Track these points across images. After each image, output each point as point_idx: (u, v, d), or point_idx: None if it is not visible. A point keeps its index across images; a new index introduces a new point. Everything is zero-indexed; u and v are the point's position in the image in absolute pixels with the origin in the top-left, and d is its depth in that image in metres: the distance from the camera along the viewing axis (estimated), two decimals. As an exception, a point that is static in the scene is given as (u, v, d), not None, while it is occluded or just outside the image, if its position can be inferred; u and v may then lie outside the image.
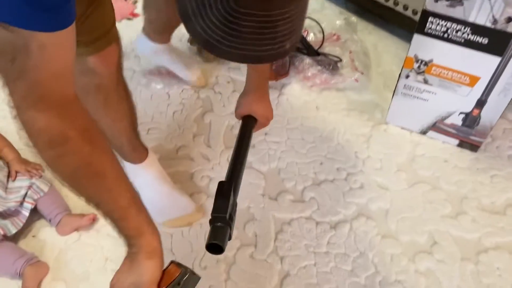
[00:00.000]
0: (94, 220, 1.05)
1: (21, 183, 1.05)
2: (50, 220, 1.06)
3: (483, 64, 0.98)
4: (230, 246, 1.04)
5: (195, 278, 0.66)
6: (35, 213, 1.08)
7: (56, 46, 0.51)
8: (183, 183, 1.15)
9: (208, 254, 0.70)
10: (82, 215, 1.05)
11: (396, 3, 1.38)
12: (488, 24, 0.91)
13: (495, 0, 0.86)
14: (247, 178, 1.16)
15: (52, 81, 0.53)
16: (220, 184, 0.73)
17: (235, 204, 0.72)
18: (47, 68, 0.51)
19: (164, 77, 1.39)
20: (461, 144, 1.19)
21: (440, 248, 1.02)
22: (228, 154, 1.21)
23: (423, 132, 1.22)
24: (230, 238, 0.69)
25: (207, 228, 0.69)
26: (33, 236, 1.06)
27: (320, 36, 1.47)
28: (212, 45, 0.47)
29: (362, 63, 1.42)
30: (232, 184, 0.73)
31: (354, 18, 1.58)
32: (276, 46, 0.49)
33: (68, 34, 0.52)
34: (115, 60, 0.85)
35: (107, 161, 0.61)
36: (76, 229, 1.06)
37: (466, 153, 1.20)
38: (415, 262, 1.00)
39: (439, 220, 1.07)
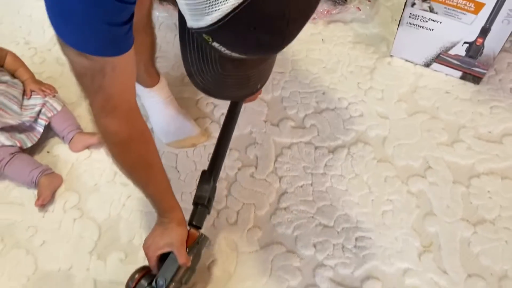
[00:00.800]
0: None
1: (36, 101, 1.10)
2: (63, 138, 1.12)
3: (488, -12, 0.97)
4: (232, 166, 1.10)
5: (206, 238, 0.89)
6: (49, 130, 1.14)
7: (124, 64, 0.66)
8: (188, 108, 1.20)
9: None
10: (93, 134, 1.11)
11: None
12: None
13: None
14: (251, 105, 1.20)
15: (122, 94, 0.70)
16: (203, 172, 0.91)
17: (214, 188, 0.91)
18: (118, 83, 0.68)
19: (169, 7, 1.40)
20: (464, 76, 1.20)
21: (433, 172, 1.06)
22: (233, 83, 1.24)
23: (427, 65, 1.23)
24: (209, 213, 0.90)
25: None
26: (48, 152, 1.13)
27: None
28: (207, 91, 0.66)
29: (370, -3, 1.40)
30: (212, 173, 0.91)
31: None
32: (250, 90, 0.69)
33: (130, 53, 0.66)
34: (147, 4, 0.95)
35: (155, 156, 0.80)
36: (87, 147, 1.12)
37: (468, 85, 1.20)
38: (408, 184, 1.04)
39: (435, 147, 1.10)
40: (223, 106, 1.20)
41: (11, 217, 1.04)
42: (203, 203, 0.88)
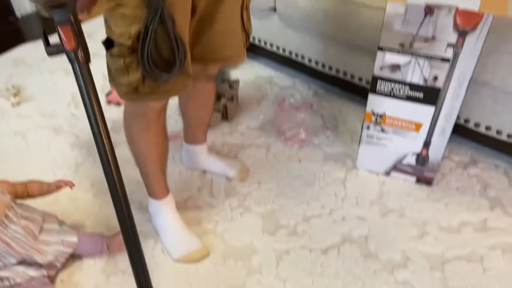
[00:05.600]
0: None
1: (52, 237, 1.18)
2: (99, 253, 1.23)
3: (423, 113, 1.30)
4: (239, 275, 1.22)
5: None
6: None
7: None
8: (192, 226, 1.35)
9: None
10: (117, 234, 1.24)
11: (352, 76, 1.74)
12: (421, 83, 1.24)
13: (423, 65, 1.20)
14: (247, 220, 1.38)
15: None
16: None
17: None
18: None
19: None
20: (418, 180, 1.47)
21: (412, 262, 1.24)
22: (230, 201, 1.43)
23: (387, 173, 1.50)
24: None
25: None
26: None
27: (295, 103, 1.80)
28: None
29: (331, 124, 1.73)
30: None
31: (321, 90, 1.93)
32: None
33: None
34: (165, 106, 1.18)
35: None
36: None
37: (423, 187, 1.47)
38: (394, 274, 1.21)
39: (408, 240, 1.30)
40: (224, 222, 1.37)
41: None
42: None
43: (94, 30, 1.57)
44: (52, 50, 0.77)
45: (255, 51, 2.04)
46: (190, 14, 0.98)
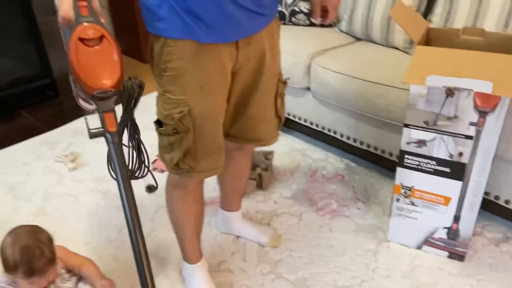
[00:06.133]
0: None
1: None
2: None
3: (451, 187, 1.35)
4: None
5: None
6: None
7: None
8: (225, 290, 1.40)
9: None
10: None
11: (383, 151, 1.82)
12: (447, 158, 1.31)
13: (447, 141, 1.28)
14: (278, 286, 1.41)
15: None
16: None
17: None
18: None
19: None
20: (450, 255, 1.47)
21: (445, 338, 1.22)
22: (261, 267, 1.48)
23: (419, 247, 1.52)
24: None
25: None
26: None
27: (327, 174, 1.88)
28: None
29: (363, 196, 1.79)
30: None
31: (353, 164, 2.01)
32: None
33: None
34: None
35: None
36: None
37: (456, 262, 1.47)
38: None
39: (441, 316, 1.29)
40: (256, 286, 1.41)
41: None
42: None
43: (146, 105, 1.78)
44: (94, 133, 0.90)
45: (290, 125, 2.19)
46: (225, 102, 1.12)
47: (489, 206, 1.57)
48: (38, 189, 1.91)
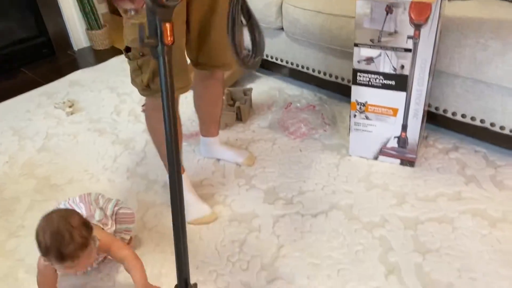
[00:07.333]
0: None
1: None
2: None
3: (397, 98, 1.53)
4: (241, 232, 1.46)
5: None
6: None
7: None
8: (205, 199, 1.62)
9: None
10: None
11: (349, 81, 2.00)
12: (392, 71, 1.49)
13: (391, 56, 1.45)
14: (252, 194, 1.63)
15: None
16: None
17: None
18: None
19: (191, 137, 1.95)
20: (402, 162, 1.67)
21: (389, 223, 1.44)
22: (238, 181, 1.70)
23: (375, 158, 1.72)
24: None
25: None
26: None
27: (300, 106, 2.07)
28: None
29: (330, 121, 1.98)
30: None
31: (325, 97, 2.19)
32: None
33: None
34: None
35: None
36: None
37: (407, 168, 1.67)
38: (372, 232, 1.41)
39: (388, 207, 1.50)
40: (232, 196, 1.63)
41: None
42: None
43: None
44: (148, 42, 0.87)
45: (269, 67, 2.36)
46: (185, 25, 1.27)
47: (439, 121, 1.75)
48: (40, 131, 2.12)
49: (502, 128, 1.59)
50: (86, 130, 2.11)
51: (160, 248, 1.44)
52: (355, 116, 1.66)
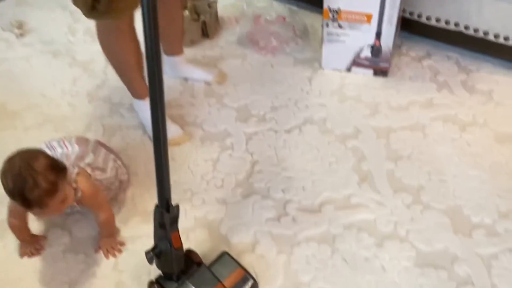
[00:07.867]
0: None
1: None
2: None
3: (371, 3, 1.45)
4: (214, 151, 1.43)
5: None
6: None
7: None
8: (174, 119, 1.56)
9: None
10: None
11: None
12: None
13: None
14: (223, 113, 1.57)
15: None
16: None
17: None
18: None
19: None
20: (375, 73, 1.63)
21: (362, 134, 1.44)
22: (208, 100, 1.63)
23: (348, 69, 1.67)
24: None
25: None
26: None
27: (270, 18, 1.95)
28: None
29: (302, 34, 1.89)
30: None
31: (295, 8, 2.07)
32: None
33: None
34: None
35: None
36: None
37: (379, 79, 1.64)
38: (345, 144, 1.41)
39: (361, 118, 1.49)
40: (203, 116, 1.57)
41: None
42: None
43: None
44: None
45: (234, -24, 2.18)
46: None
47: (414, 27, 1.70)
48: (-11, 56, 1.95)
49: (476, 30, 1.55)
50: (39, 53, 1.94)
51: (131, 170, 1.41)
52: (327, 25, 1.57)
